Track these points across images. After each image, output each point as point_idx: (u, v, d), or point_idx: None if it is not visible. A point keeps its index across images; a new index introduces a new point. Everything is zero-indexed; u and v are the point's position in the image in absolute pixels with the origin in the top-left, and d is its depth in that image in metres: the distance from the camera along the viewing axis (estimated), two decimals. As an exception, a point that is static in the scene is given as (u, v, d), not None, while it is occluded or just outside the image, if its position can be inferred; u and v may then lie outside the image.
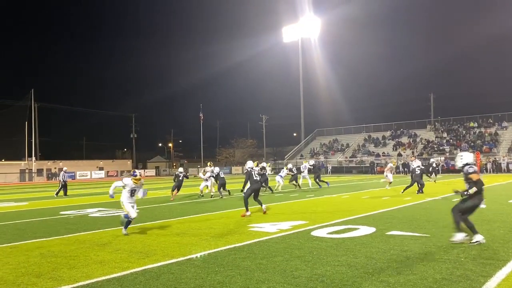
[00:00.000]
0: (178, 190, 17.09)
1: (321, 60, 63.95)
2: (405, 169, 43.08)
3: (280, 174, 21.22)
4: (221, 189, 16.77)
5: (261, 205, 10.94)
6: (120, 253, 6.42)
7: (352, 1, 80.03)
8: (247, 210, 10.63)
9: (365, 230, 7.84)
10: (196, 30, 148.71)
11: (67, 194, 20.98)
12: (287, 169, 21.41)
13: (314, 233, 7.69)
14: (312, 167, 21.60)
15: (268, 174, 20.70)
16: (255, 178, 10.97)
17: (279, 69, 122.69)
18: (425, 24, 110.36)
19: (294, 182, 20.51)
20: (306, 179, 21.57)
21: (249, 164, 11.51)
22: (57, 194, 20.81)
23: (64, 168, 22.56)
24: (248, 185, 11.11)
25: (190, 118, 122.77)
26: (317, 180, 21.28)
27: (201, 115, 66.38)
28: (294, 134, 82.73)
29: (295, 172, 21.10)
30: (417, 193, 15.80)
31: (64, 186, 20.99)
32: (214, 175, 17.48)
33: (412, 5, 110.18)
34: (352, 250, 6.19)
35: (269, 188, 18.88)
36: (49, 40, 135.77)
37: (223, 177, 17.08)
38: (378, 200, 13.86)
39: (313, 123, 69.03)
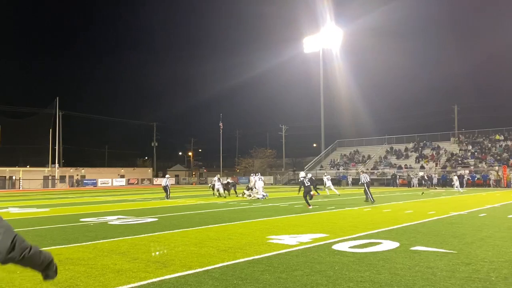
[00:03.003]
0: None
1: (342, 70, 63.57)
2: (428, 182, 42.24)
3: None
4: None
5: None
6: (138, 263, 6.34)
7: (374, 11, 79.67)
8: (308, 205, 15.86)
9: (388, 245, 7.58)
10: (218, 42, 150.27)
11: (169, 197, 23.45)
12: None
13: (335, 246, 7.47)
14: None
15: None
16: (306, 184, 16.39)
17: (299, 80, 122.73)
18: (449, 33, 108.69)
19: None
20: (331, 190, 26.51)
21: (301, 174, 17.20)
22: (168, 197, 23.43)
23: (167, 176, 25.87)
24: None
25: (210, 128, 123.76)
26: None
27: (221, 124, 66.73)
28: (314, 145, 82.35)
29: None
30: None
31: (165, 189, 23.96)
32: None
33: (435, 14, 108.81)
34: (375, 265, 5.95)
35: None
36: (76, 51, 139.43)
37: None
38: (400, 214, 13.50)
39: (333, 134, 68.51)
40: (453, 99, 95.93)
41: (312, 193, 16.88)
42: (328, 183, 26.94)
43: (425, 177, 36.29)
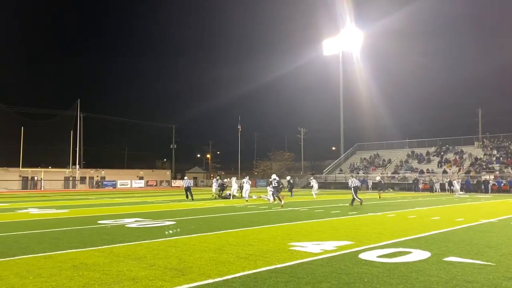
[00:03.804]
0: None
1: (362, 73, 62.71)
2: (451, 187, 41.07)
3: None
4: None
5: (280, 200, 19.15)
6: (155, 270, 6.04)
7: (395, 12, 78.36)
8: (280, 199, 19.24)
9: (419, 255, 7.11)
10: (237, 44, 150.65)
11: (193, 198, 24.75)
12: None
13: (362, 255, 7.03)
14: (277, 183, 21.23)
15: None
16: (274, 185, 20.36)
17: (319, 82, 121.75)
18: (473, 34, 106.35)
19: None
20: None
21: (273, 176, 21.23)
22: (192, 198, 24.64)
23: (185, 178, 27.05)
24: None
25: (229, 131, 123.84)
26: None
27: (239, 127, 66.54)
28: (333, 148, 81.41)
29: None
30: None
31: (188, 190, 24.95)
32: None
33: (458, 14, 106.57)
34: (408, 278, 5.51)
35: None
36: (97, 55, 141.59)
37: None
38: (427, 220, 12.92)
39: (353, 137, 67.55)
40: (477, 102, 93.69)
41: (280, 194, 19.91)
42: (316, 186, 28.41)
43: (382, 182, 35.13)
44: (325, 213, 15.28)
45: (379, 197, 26.75)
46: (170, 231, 10.05)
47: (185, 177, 27.13)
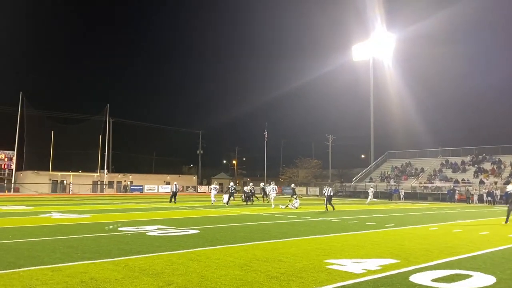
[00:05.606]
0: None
1: (394, 78, 60.79)
2: (489, 198, 38.84)
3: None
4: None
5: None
6: (172, 290, 5.21)
7: (429, 17, 75.82)
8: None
9: (481, 279, 6.02)
10: (264, 50, 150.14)
11: (175, 202, 26.94)
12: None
13: (413, 278, 6.00)
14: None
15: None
16: (231, 191, 27.52)
17: (348, 89, 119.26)
18: (509, 39, 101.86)
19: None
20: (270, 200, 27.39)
21: (231, 184, 27.89)
22: (170, 201, 27.23)
23: (175, 183, 29.53)
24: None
25: (255, 137, 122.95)
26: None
27: (265, 133, 65.64)
28: (362, 156, 79.36)
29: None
30: None
31: (174, 195, 27.57)
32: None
33: (494, 17, 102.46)
34: (478, 312, 4.47)
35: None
36: (127, 60, 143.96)
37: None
38: (475, 235, 11.65)
39: (383, 144, 65.35)
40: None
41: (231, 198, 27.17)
42: (271, 193, 28.75)
43: (295, 189, 33.65)
44: (360, 225, 14.16)
45: (289, 201, 28.12)
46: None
47: (175, 182, 29.70)
